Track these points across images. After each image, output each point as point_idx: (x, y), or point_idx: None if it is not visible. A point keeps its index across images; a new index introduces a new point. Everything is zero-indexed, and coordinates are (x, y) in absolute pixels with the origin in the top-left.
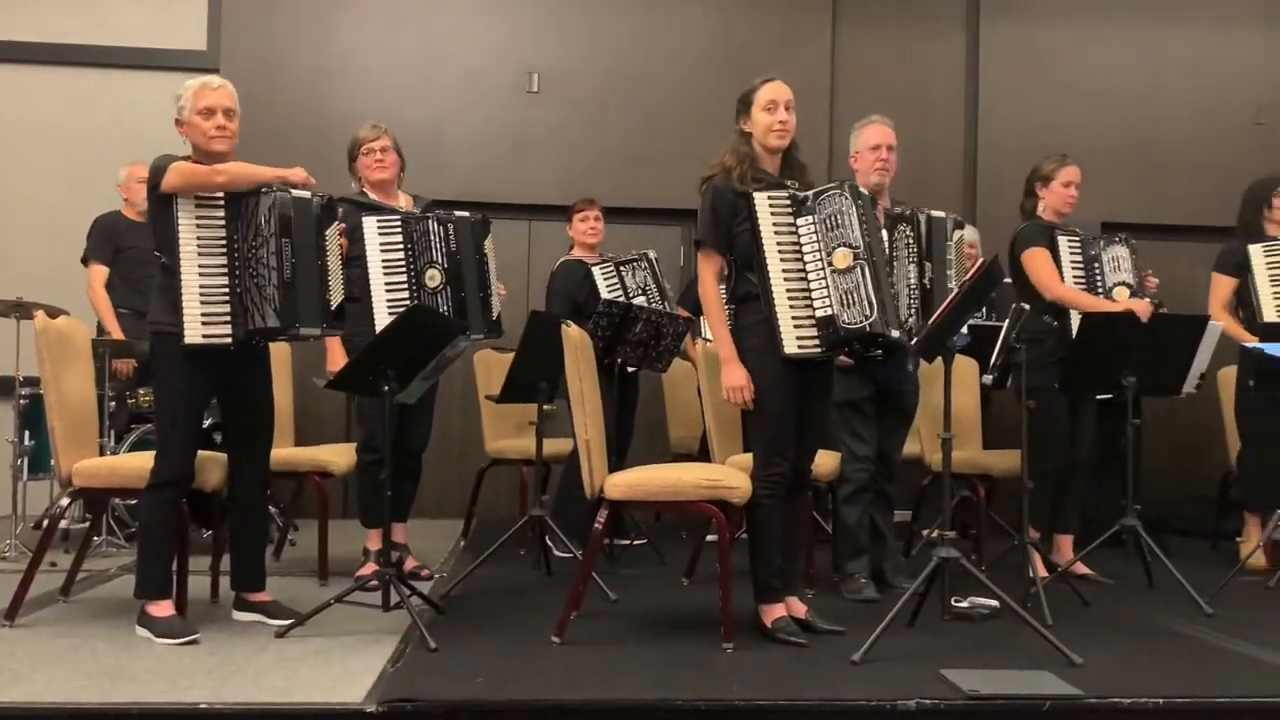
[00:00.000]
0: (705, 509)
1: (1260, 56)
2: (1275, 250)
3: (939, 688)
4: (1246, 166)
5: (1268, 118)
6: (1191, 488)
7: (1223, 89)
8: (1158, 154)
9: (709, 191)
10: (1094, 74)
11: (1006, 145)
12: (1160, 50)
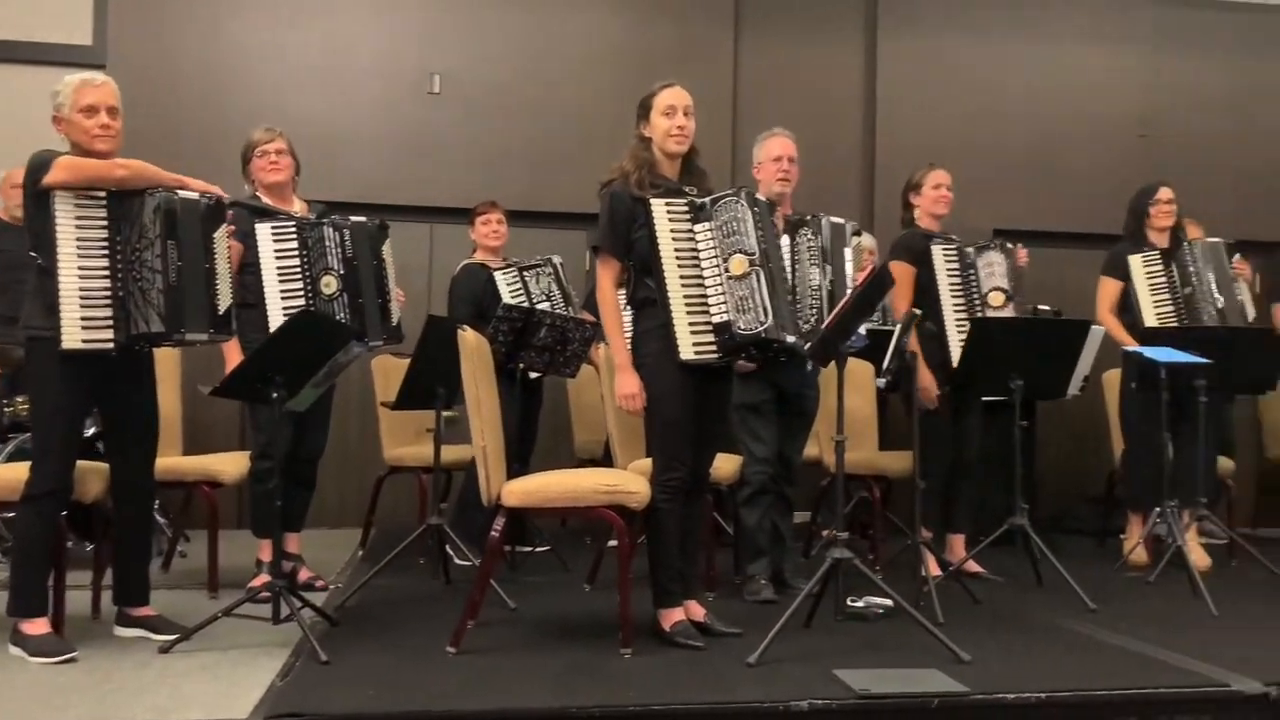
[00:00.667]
0: (604, 514)
1: (1143, 71)
2: (1153, 260)
3: (832, 688)
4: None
5: (1150, 130)
6: (1080, 487)
7: (1108, 102)
8: (1048, 163)
9: (607, 197)
10: (987, 85)
11: (904, 154)
12: (1050, 64)
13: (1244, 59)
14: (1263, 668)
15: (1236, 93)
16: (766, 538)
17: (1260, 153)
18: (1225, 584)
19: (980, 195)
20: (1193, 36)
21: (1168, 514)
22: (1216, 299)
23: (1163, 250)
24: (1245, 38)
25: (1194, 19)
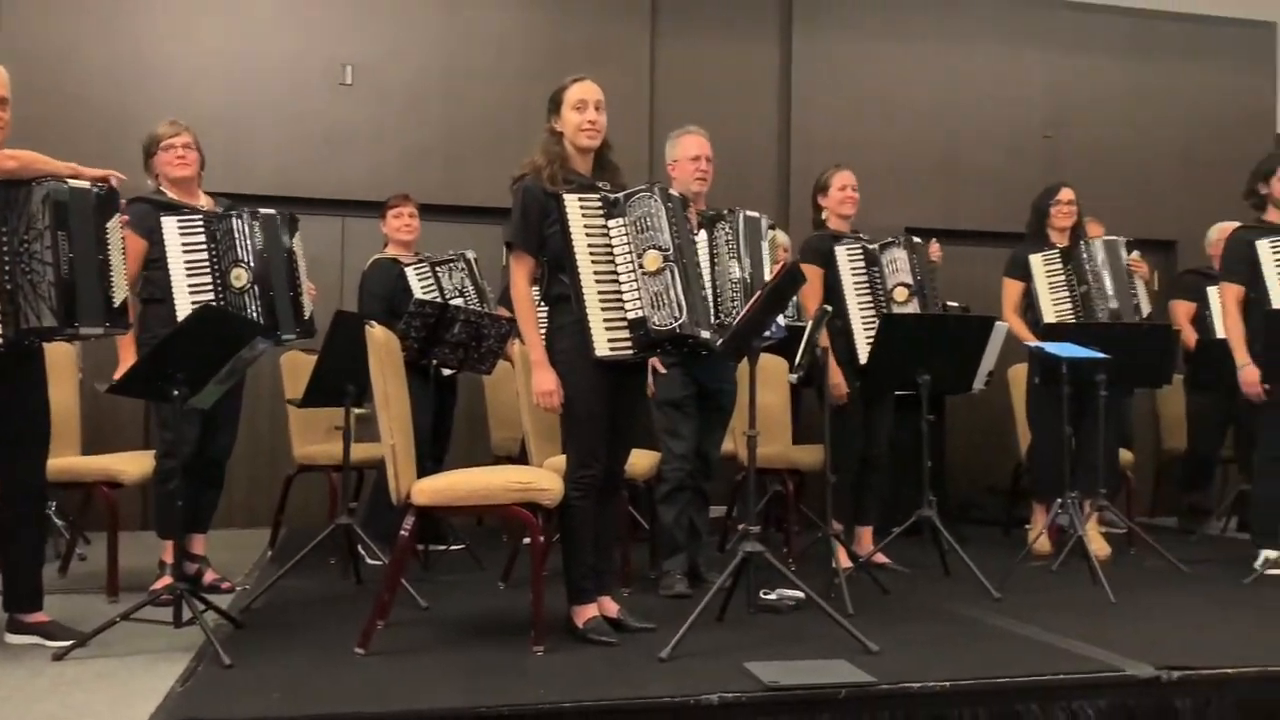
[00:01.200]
0: (516, 513)
1: (1047, 75)
2: (1053, 259)
3: (742, 681)
4: (1037, 176)
5: (1055, 131)
6: (987, 479)
7: (1014, 104)
8: (957, 164)
9: (519, 192)
10: (899, 87)
11: (818, 153)
12: (959, 66)
13: (1143, 63)
14: (1156, 652)
15: (1136, 95)
16: (683, 533)
17: (1158, 153)
18: (1124, 572)
19: (892, 194)
20: (1095, 41)
21: (1069, 504)
22: (1112, 296)
23: (1062, 249)
24: (1144, 42)
25: (1095, 23)
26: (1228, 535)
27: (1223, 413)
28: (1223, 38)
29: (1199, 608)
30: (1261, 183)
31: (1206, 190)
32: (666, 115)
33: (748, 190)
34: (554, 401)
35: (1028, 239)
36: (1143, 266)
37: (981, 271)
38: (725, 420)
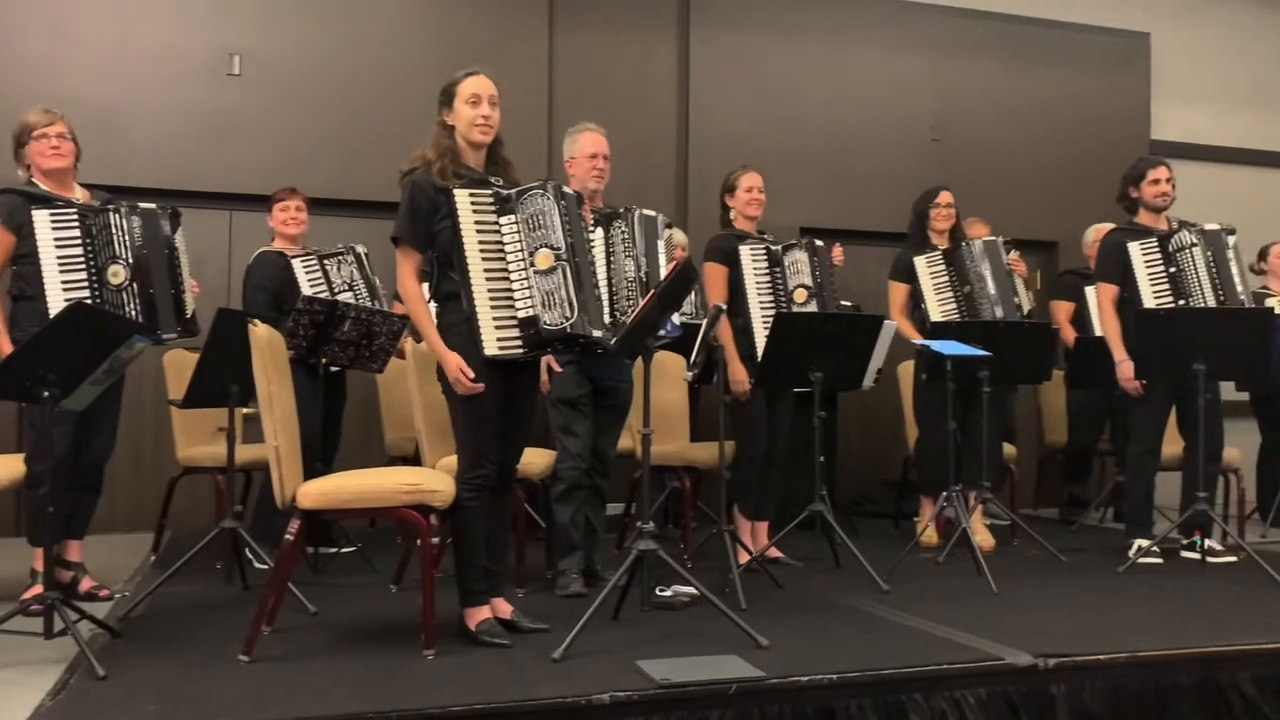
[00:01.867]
0: (405, 515)
1: (936, 79)
2: (936, 260)
3: (634, 679)
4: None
5: (942, 135)
6: (879, 472)
7: (904, 107)
8: (850, 165)
9: (408, 186)
10: (793, 87)
11: (716, 152)
12: (852, 69)
13: (1026, 69)
14: (1034, 640)
15: (1019, 100)
16: (579, 532)
17: (1040, 157)
18: (1007, 562)
19: (787, 194)
20: (981, 46)
21: (954, 497)
22: (994, 295)
23: (944, 251)
24: (1027, 49)
25: (982, 30)
26: (1105, 525)
27: (1101, 408)
28: (1101, 46)
29: (1076, 596)
30: (1133, 186)
31: (1085, 193)
32: (564, 111)
33: (646, 188)
34: (468, 383)
35: (909, 241)
36: (1022, 266)
37: (874, 271)
38: (621, 418)
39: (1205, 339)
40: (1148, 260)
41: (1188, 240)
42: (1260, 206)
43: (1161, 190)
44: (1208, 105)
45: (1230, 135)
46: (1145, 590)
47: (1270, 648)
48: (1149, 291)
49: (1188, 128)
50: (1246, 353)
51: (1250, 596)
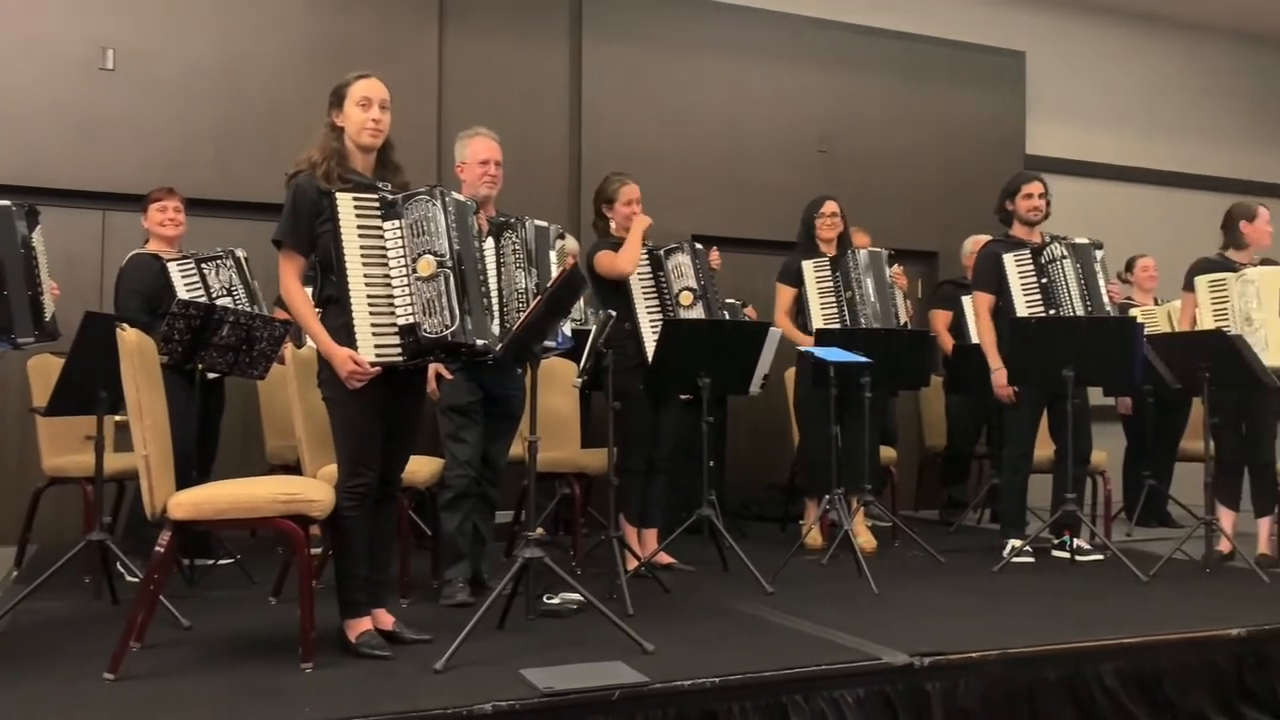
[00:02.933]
0: (282, 525)
1: (824, 92)
2: (823, 266)
3: (517, 688)
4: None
5: (829, 146)
6: (767, 476)
7: (793, 118)
8: (740, 174)
9: (291, 188)
10: (685, 97)
11: (609, 160)
12: (741, 79)
13: (910, 84)
14: (911, 640)
15: (903, 114)
16: (466, 541)
17: (922, 170)
18: (887, 563)
19: (679, 201)
20: (867, 61)
21: (836, 500)
22: (874, 303)
23: (831, 258)
24: (911, 64)
25: (868, 45)
26: (982, 526)
27: (978, 413)
28: (980, 63)
29: (952, 596)
30: (1009, 200)
31: (964, 205)
32: (455, 117)
33: (538, 196)
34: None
35: (798, 248)
36: (903, 280)
37: (761, 278)
38: (513, 426)
39: (1074, 346)
40: (1021, 271)
41: (1059, 253)
42: (1127, 220)
43: (1035, 205)
44: (1079, 123)
45: (1100, 152)
46: (1017, 589)
47: (1131, 642)
48: (1022, 301)
49: (1060, 144)
50: (1113, 359)
51: (1115, 593)
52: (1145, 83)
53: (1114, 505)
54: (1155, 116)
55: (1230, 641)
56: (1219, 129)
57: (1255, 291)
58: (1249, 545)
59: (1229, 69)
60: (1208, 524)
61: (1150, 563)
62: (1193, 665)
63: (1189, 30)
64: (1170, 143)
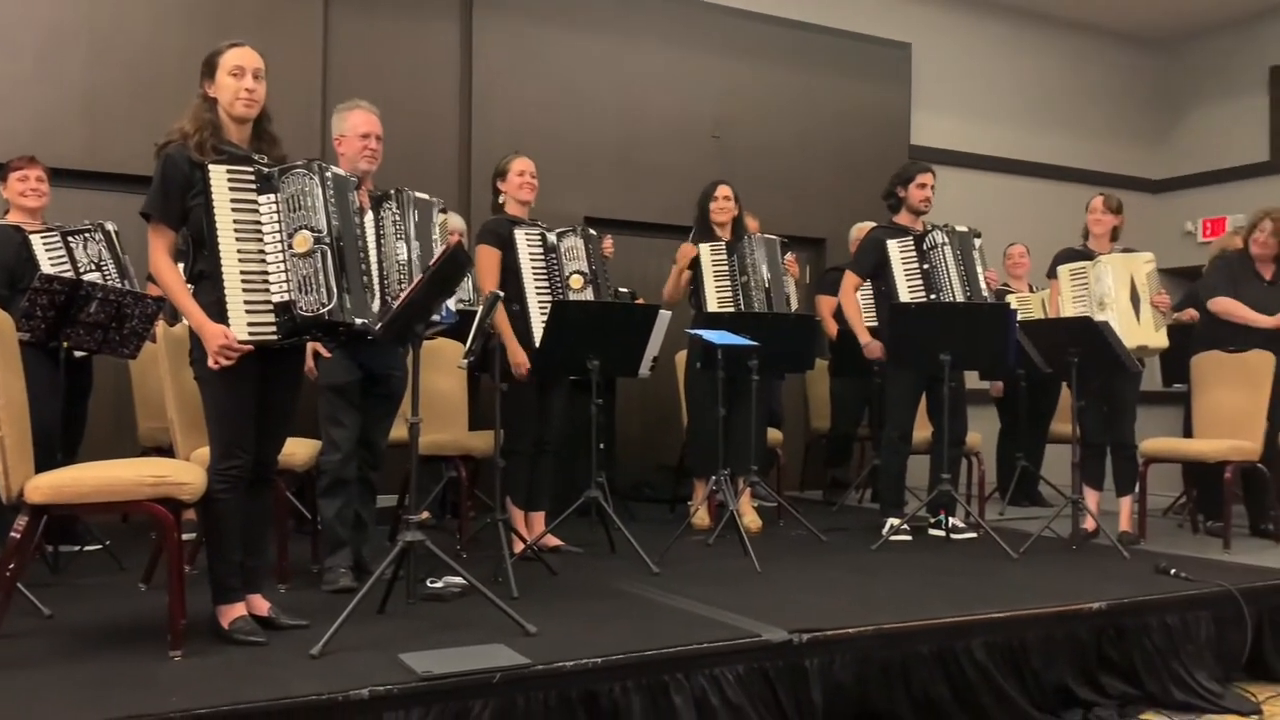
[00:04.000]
0: (151, 509)
1: (718, 78)
2: (719, 250)
3: (395, 672)
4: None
5: (722, 132)
6: (657, 458)
7: (688, 103)
8: (632, 157)
9: (161, 160)
10: (579, 79)
11: (500, 139)
12: (635, 63)
13: (802, 72)
14: (791, 617)
15: (795, 102)
16: (347, 527)
17: (812, 157)
18: (772, 543)
19: (572, 184)
20: (761, 49)
21: (722, 481)
22: (767, 289)
23: (728, 242)
24: (803, 53)
25: (762, 33)
26: (864, 505)
27: (861, 396)
28: (868, 54)
29: (832, 574)
30: (900, 187)
31: (852, 193)
32: (339, 90)
33: (427, 173)
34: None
35: (694, 233)
36: (795, 268)
37: (654, 262)
38: (394, 408)
39: (951, 331)
40: (904, 257)
41: (940, 239)
42: (1005, 210)
43: (925, 195)
44: (961, 115)
45: (980, 144)
46: (894, 566)
47: (1000, 616)
48: (904, 286)
49: (943, 135)
50: (988, 344)
51: (986, 570)
52: (1023, 77)
53: (988, 485)
54: (1032, 111)
55: (1092, 615)
56: (1090, 124)
57: (1110, 278)
58: (1112, 523)
59: (1100, 67)
60: (1074, 503)
61: (1021, 540)
62: (1057, 638)
63: (1065, 28)
64: (1045, 136)
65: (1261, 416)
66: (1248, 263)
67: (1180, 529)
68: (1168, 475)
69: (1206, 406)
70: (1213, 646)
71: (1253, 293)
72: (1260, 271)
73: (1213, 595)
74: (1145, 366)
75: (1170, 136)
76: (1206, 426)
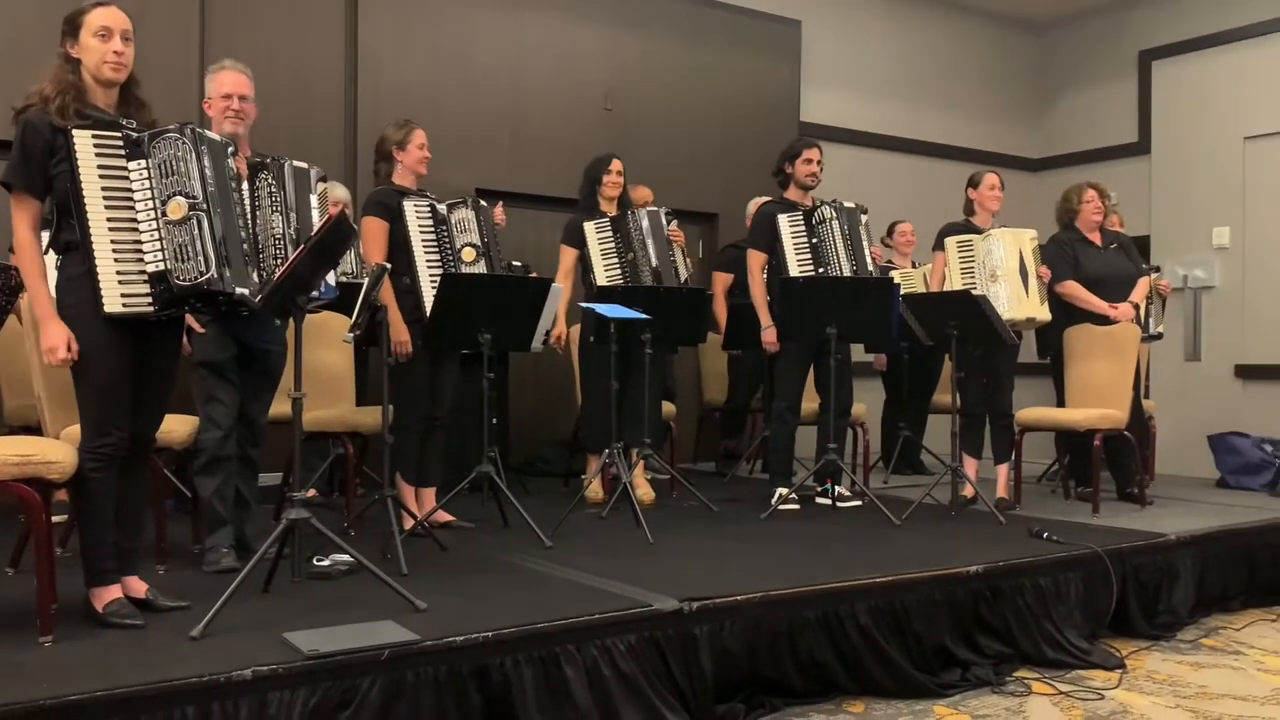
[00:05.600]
0: (16, 489)
1: (608, 47)
2: (604, 227)
3: (280, 652)
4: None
5: (614, 105)
6: (551, 433)
7: (576, 74)
8: (522, 129)
9: (21, 125)
10: (465, 48)
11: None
12: (525, 33)
13: (694, 47)
14: (681, 586)
15: (686, 76)
16: (227, 506)
17: (703, 132)
18: (665, 514)
19: (462, 155)
20: (653, 21)
21: (615, 454)
22: (655, 261)
23: (612, 218)
24: (695, 27)
25: (654, 6)
26: (755, 476)
27: (754, 369)
28: (759, 30)
29: (722, 543)
30: (788, 163)
31: (743, 168)
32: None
33: (310, 142)
34: (60, 357)
35: (580, 206)
36: (680, 235)
37: (547, 234)
38: (273, 384)
39: (838, 305)
40: (794, 232)
41: (828, 214)
42: (891, 188)
43: (811, 170)
44: (849, 92)
45: (867, 121)
46: (782, 534)
47: (882, 581)
48: (794, 260)
49: (831, 112)
50: (872, 318)
51: (870, 537)
52: (910, 57)
53: (872, 454)
54: (919, 89)
55: (969, 578)
56: (975, 104)
57: (1001, 251)
58: (990, 490)
59: (983, 48)
60: (954, 471)
61: (903, 507)
62: (937, 600)
63: (950, 9)
64: (931, 115)
65: (1128, 386)
66: (1077, 237)
67: (1053, 494)
68: (1042, 443)
69: (1077, 377)
70: (1081, 605)
71: (1095, 263)
72: (1092, 240)
73: (1082, 557)
74: (1022, 339)
75: (1048, 117)
76: (1077, 396)
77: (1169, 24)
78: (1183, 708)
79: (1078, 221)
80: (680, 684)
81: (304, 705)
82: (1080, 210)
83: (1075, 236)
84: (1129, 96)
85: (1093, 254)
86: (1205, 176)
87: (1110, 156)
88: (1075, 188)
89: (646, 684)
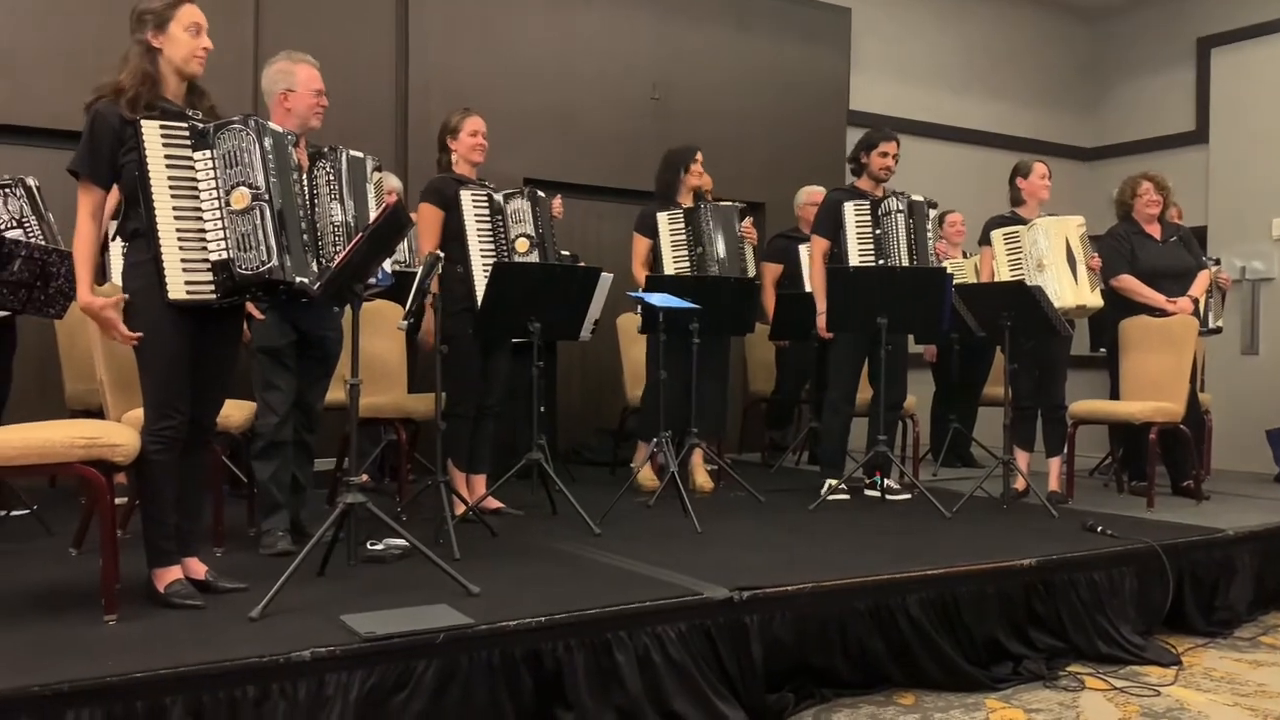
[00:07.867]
0: (82, 471)
1: (658, 40)
2: (677, 219)
3: (337, 634)
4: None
5: (662, 95)
6: (598, 421)
7: (624, 65)
8: (573, 119)
9: (91, 116)
10: (517, 40)
11: (438, 97)
12: (575, 23)
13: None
14: (731, 575)
15: (735, 66)
16: (283, 490)
17: (751, 121)
18: (712, 504)
19: (510, 145)
20: (701, 9)
21: (664, 442)
22: (724, 257)
23: (686, 210)
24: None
25: None
26: (801, 467)
27: (803, 360)
28: (808, 18)
29: (771, 533)
30: (864, 153)
31: (791, 158)
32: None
33: (362, 134)
34: (107, 318)
35: (657, 197)
36: (753, 233)
37: (593, 224)
38: (329, 370)
39: (888, 295)
40: (859, 220)
41: (895, 206)
42: (938, 178)
43: (886, 164)
44: (898, 80)
45: (917, 110)
46: (831, 525)
47: (933, 573)
48: (856, 249)
49: (880, 100)
50: (922, 308)
51: (919, 529)
52: (960, 45)
53: (922, 447)
54: (968, 77)
55: (1022, 571)
56: (1025, 92)
57: (1046, 239)
58: (1041, 483)
59: (1036, 36)
60: (1005, 464)
61: (953, 500)
62: (989, 593)
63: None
64: (982, 103)
65: (1184, 379)
66: (1136, 229)
67: (1106, 488)
68: (1095, 436)
69: (1133, 370)
70: (1136, 601)
71: (1153, 256)
72: (1150, 233)
73: (1137, 552)
74: (1075, 329)
75: (1101, 106)
76: (1132, 389)
77: (1228, 11)
78: (1241, 705)
79: (1134, 214)
80: (730, 672)
81: (360, 686)
82: (1134, 204)
83: (1133, 229)
84: (1186, 84)
85: (1150, 247)
86: (1265, 166)
87: (1166, 146)
88: (1130, 180)
89: (697, 672)
